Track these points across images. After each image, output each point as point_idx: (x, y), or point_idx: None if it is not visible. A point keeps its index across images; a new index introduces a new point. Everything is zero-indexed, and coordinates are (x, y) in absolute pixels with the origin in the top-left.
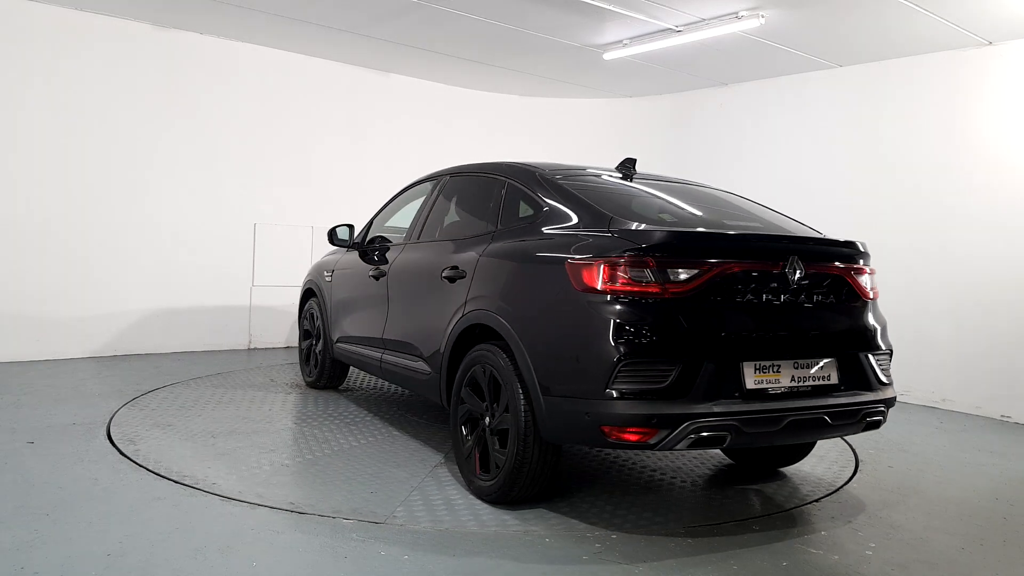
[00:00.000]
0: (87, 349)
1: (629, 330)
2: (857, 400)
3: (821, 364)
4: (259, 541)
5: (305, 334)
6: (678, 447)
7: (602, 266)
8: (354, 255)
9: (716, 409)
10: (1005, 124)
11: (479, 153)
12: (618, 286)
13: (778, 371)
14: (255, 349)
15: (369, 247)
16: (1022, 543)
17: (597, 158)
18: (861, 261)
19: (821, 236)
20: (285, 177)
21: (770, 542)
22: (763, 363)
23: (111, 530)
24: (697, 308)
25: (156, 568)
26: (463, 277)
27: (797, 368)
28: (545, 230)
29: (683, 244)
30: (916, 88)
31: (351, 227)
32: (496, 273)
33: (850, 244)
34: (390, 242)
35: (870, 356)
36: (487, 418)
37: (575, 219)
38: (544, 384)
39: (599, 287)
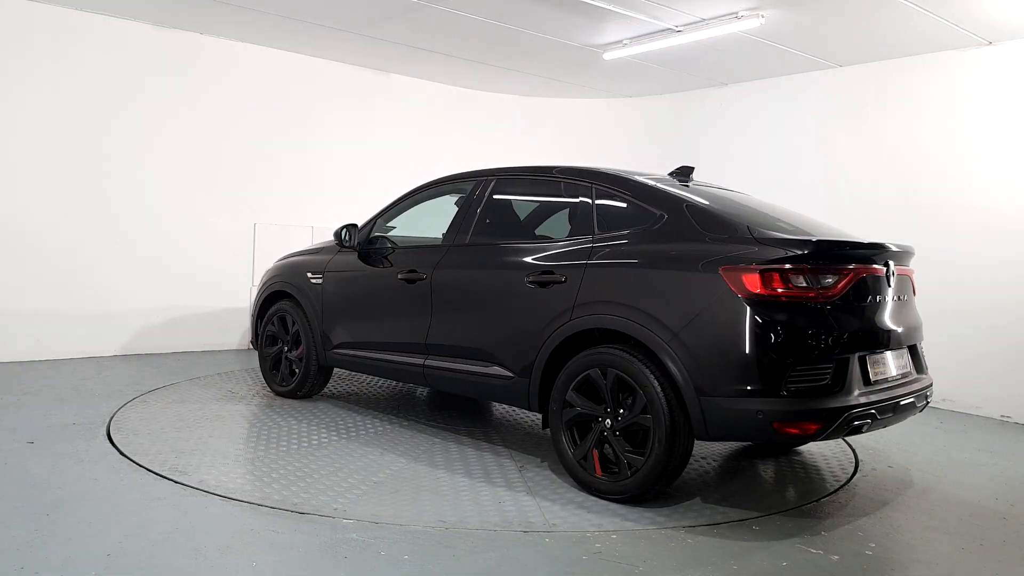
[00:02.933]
0: (87, 349)
1: (799, 333)
2: (924, 384)
3: (903, 354)
4: (259, 541)
5: (271, 340)
6: (833, 437)
7: (767, 273)
8: (352, 256)
9: (861, 400)
10: (1005, 124)
11: (479, 153)
12: (780, 291)
13: (885, 363)
14: (256, 349)
15: (382, 248)
16: (1022, 543)
17: (597, 158)
18: (913, 262)
19: (901, 243)
20: (285, 177)
21: (770, 542)
22: (876, 356)
23: (111, 530)
24: (840, 309)
25: (156, 568)
26: (561, 282)
27: (894, 359)
28: (672, 237)
29: (830, 252)
30: (916, 88)
31: (355, 227)
32: (616, 278)
33: (911, 249)
34: (394, 244)
35: (920, 345)
36: (607, 420)
37: (703, 227)
38: (701, 385)
39: (763, 293)
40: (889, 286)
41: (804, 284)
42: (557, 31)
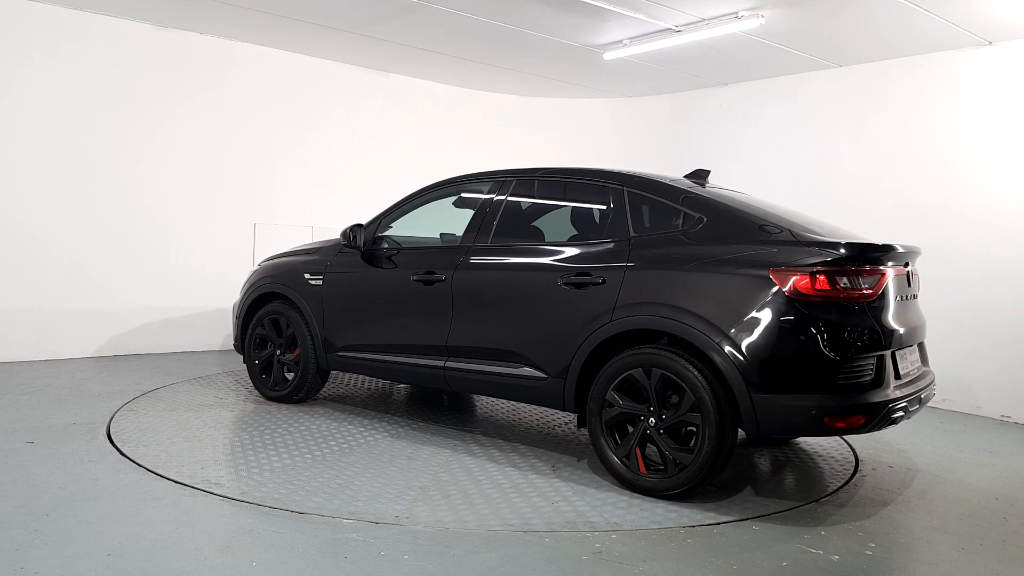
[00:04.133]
0: (87, 349)
1: (847, 330)
2: (931, 378)
3: (915, 350)
4: (259, 541)
5: (261, 342)
6: (875, 429)
7: (816, 274)
8: (356, 256)
9: (897, 394)
10: (1004, 124)
11: (479, 153)
12: (828, 292)
13: (906, 358)
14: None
15: (391, 249)
16: (1022, 543)
17: (597, 158)
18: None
19: (914, 245)
20: (285, 177)
21: (770, 542)
22: (903, 351)
23: (111, 530)
24: (877, 308)
25: (156, 568)
26: (598, 284)
27: (910, 354)
28: (714, 240)
29: (867, 254)
30: (916, 88)
31: (362, 227)
32: (660, 280)
33: (920, 249)
34: (400, 244)
35: (924, 341)
36: (650, 419)
37: (745, 230)
38: (753, 381)
39: (813, 293)
40: (909, 285)
41: (848, 284)
42: (557, 31)
